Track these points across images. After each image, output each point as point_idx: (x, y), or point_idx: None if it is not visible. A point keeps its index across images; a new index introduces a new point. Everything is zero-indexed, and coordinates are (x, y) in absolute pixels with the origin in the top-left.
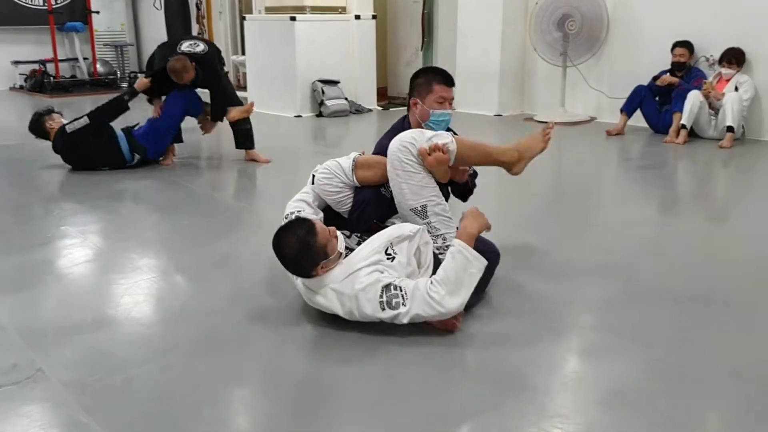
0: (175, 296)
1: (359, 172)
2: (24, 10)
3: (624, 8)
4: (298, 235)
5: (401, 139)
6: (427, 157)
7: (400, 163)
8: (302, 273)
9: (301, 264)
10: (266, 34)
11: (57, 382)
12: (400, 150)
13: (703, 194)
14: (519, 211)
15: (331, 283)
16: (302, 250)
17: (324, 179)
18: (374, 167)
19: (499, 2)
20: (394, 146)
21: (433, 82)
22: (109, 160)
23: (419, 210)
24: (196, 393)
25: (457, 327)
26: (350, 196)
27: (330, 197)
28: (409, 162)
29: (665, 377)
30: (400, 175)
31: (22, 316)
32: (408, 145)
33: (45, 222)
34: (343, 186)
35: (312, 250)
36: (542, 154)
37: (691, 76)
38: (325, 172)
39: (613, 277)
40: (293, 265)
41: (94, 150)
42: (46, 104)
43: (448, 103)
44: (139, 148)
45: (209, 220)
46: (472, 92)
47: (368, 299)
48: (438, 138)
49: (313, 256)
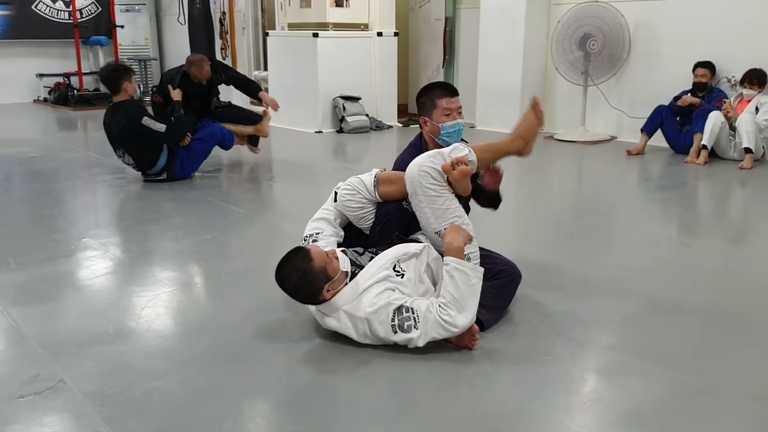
0: (196, 309)
1: (381, 188)
2: (50, 24)
3: (645, 28)
4: (294, 265)
5: (419, 164)
6: (452, 172)
7: (422, 188)
8: (310, 300)
9: (305, 292)
10: (289, 50)
11: (78, 393)
12: (420, 175)
13: (723, 215)
14: (539, 230)
15: (343, 306)
16: (302, 278)
17: (347, 195)
18: (396, 182)
19: (521, 21)
20: (413, 172)
21: (435, 96)
22: (140, 163)
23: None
24: (216, 406)
25: (475, 345)
26: (372, 212)
27: (352, 213)
28: (430, 186)
29: (684, 398)
30: (422, 201)
31: (44, 327)
32: (427, 169)
33: (68, 234)
34: (365, 202)
35: (311, 275)
36: (564, 174)
37: (713, 97)
38: (348, 188)
39: (632, 297)
40: (299, 295)
41: (138, 148)
42: (69, 117)
43: (456, 113)
44: (173, 170)
45: (230, 235)
46: (493, 110)
47: (380, 322)
48: (456, 151)
49: (314, 281)
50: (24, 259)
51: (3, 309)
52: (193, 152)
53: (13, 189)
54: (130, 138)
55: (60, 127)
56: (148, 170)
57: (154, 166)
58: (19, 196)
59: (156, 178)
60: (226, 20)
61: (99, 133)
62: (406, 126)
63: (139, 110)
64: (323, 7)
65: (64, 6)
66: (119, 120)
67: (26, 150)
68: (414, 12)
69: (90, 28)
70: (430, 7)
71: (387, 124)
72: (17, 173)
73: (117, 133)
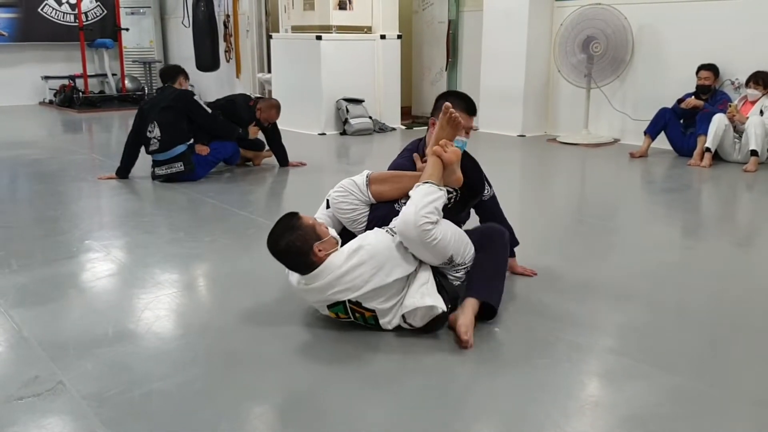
0: (196, 312)
1: (374, 187)
2: (55, 27)
3: (649, 30)
4: (283, 223)
5: (414, 223)
6: (444, 153)
7: (428, 245)
8: (302, 259)
9: (297, 248)
10: (292, 53)
11: (77, 395)
12: (421, 234)
13: (727, 218)
14: (541, 233)
15: (336, 269)
16: (292, 233)
17: (339, 197)
18: (388, 181)
19: (524, 23)
20: (411, 233)
21: (457, 109)
22: (164, 139)
23: (446, 262)
24: (214, 408)
25: (470, 343)
26: (365, 214)
27: (345, 215)
28: (430, 241)
29: (685, 403)
30: (420, 252)
31: (44, 328)
32: (423, 224)
33: (70, 236)
34: (358, 203)
35: (301, 229)
36: (566, 177)
37: (716, 99)
38: (340, 190)
39: (634, 300)
40: (291, 254)
41: (173, 123)
42: (74, 119)
43: (466, 132)
44: (191, 163)
45: (232, 237)
46: (496, 112)
47: (374, 233)
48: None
49: (304, 235)
50: (26, 260)
51: (4, 311)
52: (205, 161)
53: (18, 191)
54: (175, 109)
55: (65, 129)
56: (166, 150)
57: (171, 149)
58: (23, 198)
59: (168, 170)
60: (230, 23)
61: (104, 135)
62: (409, 128)
63: (192, 93)
64: (327, 10)
65: (69, 9)
66: (171, 93)
67: (31, 152)
68: (417, 15)
69: (95, 30)
70: (433, 9)
71: (390, 127)
72: (22, 175)
73: (163, 104)
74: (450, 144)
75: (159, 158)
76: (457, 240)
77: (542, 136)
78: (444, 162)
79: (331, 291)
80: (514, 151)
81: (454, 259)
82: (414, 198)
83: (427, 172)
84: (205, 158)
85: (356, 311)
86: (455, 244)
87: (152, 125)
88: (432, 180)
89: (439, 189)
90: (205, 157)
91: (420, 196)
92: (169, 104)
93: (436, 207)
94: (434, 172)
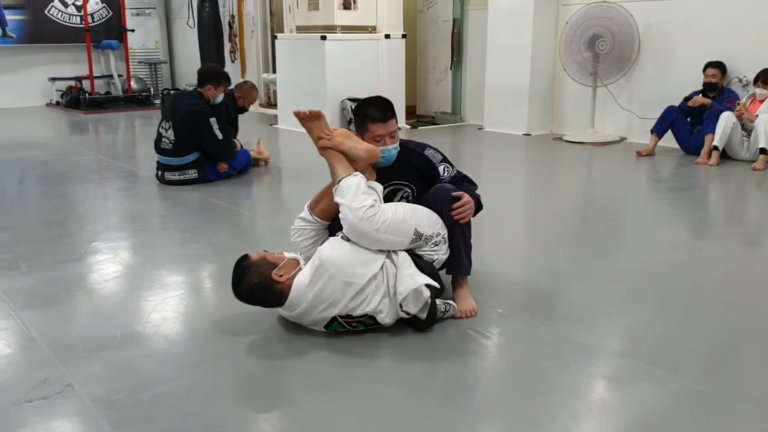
0: (203, 313)
1: (316, 211)
2: (62, 28)
3: (655, 28)
4: (236, 270)
5: (356, 218)
6: (327, 141)
7: (374, 232)
8: (269, 292)
9: (257, 287)
10: (297, 53)
11: (85, 398)
12: (368, 223)
13: (735, 217)
14: (547, 233)
15: (307, 289)
16: (245, 275)
17: (298, 239)
18: (323, 197)
19: (529, 22)
20: (360, 228)
21: (368, 120)
22: (177, 144)
23: (415, 238)
24: (221, 411)
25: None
26: (326, 239)
27: (311, 251)
28: (381, 225)
29: (693, 405)
30: (384, 237)
31: (53, 330)
32: (363, 213)
33: (78, 238)
34: (314, 233)
35: (252, 267)
36: (572, 176)
37: (724, 97)
38: (294, 232)
39: (641, 301)
40: (256, 295)
41: (186, 134)
42: (80, 120)
43: (388, 138)
44: (205, 170)
45: (239, 239)
46: (501, 111)
47: (329, 245)
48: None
49: (257, 271)
50: (34, 262)
51: (13, 313)
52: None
53: (25, 192)
54: (188, 121)
55: (72, 131)
56: (179, 156)
57: (185, 156)
58: (30, 200)
59: (181, 177)
60: (235, 23)
61: (110, 137)
62: (414, 128)
63: (212, 111)
64: (331, 10)
65: (75, 11)
66: (194, 103)
67: (38, 153)
68: (422, 14)
69: (101, 32)
70: (438, 8)
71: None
72: (29, 177)
73: (180, 109)
74: (330, 130)
75: (171, 162)
76: (414, 211)
77: (548, 134)
78: (336, 147)
79: (316, 311)
80: (520, 150)
81: (422, 232)
82: (339, 201)
83: (334, 173)
84: (216, 169)
85: (351, 323)
86: (413, 216)
87: (167, 124)
88: (342, 175)
89: (353, 176)
90: (217, 170)
91: (342, 195)
92: (189, 112)
93: (364, 191)
94: (338, 166)
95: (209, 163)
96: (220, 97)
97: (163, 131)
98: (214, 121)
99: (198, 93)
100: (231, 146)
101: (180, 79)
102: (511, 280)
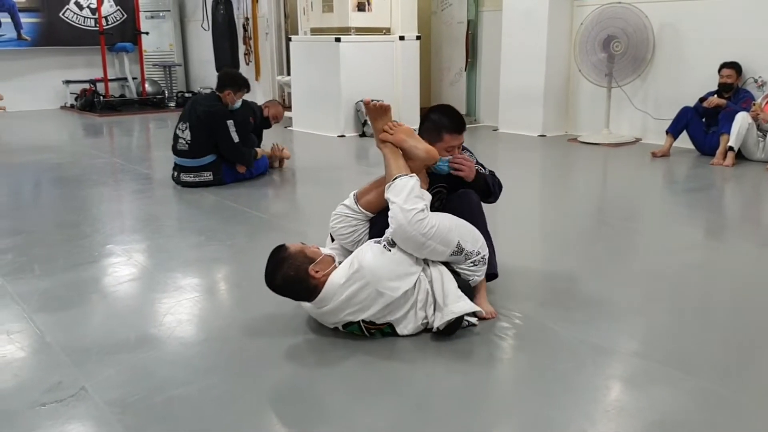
0: (217, 316)
1: (362, 201)
2: (76, 31)
3: (670, 29)
4: (273, 259)
5: (406, 220)
6: (390, 135)
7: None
8: (304, 286)
9: (293, 279)
10: (311, 55)
11: (99, 401)
12: (417, 226)
13: (751, 218)
14: (562, 235)
15: (340, 290)
16: (284, 265)
17: (337, 225)
18: (372, 189)
19: (544, 23)
20: (408, 231)
21: (444, 130)
22: (193, 146)
23: (456, 251)
24: (235, 414)
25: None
26: (366, 233)
27: (348, 239)
28: (428, 230)
29: (711, 408)
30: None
31: (67, 333)
32: (413, 216)
33: (92, 240)
34: (356, 223)
35: (290, 259)
36: (588, 177)
37: (739, 98)
38: (335, 217)
39: (658, 302)
40: (290, 287)
41: (202, 136)
42: (95, 123)
43: (457, 149)
44: (220, 173)
45: (253, 241)
46: (516, 113)
47: (371, 251)
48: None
49: (295, 263)
50: (48, 265)
51: (27, 316)
52: (237, 173)
53: (40, 196)
54: (205, 122)
55: (86, 134)
56: (195, 158)
57: (202, 158)
58: (45, 203)
59: (196, 179)
60: (249, 26)
61: (125, 139)
62: None
63: (230, 114)
64: (345, 12)
65: (90, 13)
66: (212, 105)
67: (53, 156)
68: (436, 15)
69: (115, 35)
70: (452, 10)
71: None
72: (44, 179)
73: (199, 111)
74: (393, 125)
75: (187, 164)
76: (459, 225)
77: (563, 135)
78: (397, 143)
79: (343, 314)
80: (535, 151)
81: (463, 246)
82: (391, 199)
83: (389, 168)
84: (234, 170)
85: (371, 329)
86: (458, 229)
87: (184, 125)
88: (399, 173)
89: (409, 177)
90: (235, 173)
91: (395, 194)
92: (207, 114)
93: (417, 195)
94: (395, 163)
95: (225, 166)
96: (238, 102)
97: (180, 132)
98: (231, 124)
99: (216, 96)
100: (250, 153)
101: (194, 82)
102: (526, 281)
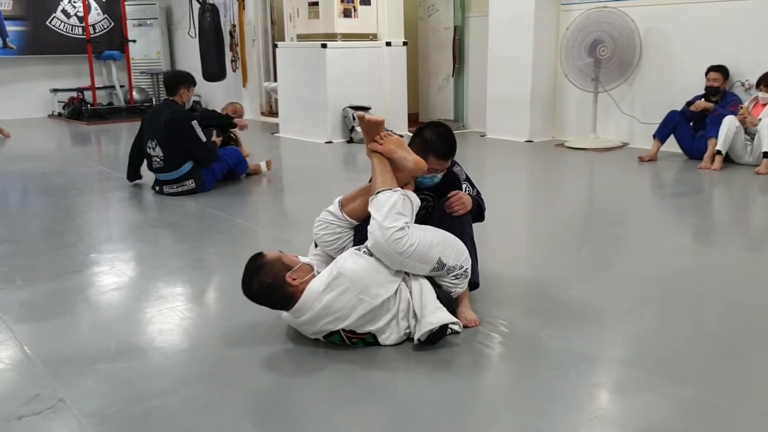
0: (198, 326)
1: (347, 208)
2: (63, 39)
3: (656, 33)
4: (250, 267)
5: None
6: (380, 146)
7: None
8: (280, 294)
9: (269, 287)
10: (298, 61)
11: (78, 413)
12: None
13: (739, 222)
14: (549, 240)
15: (318, 297)
16: (259, 274)
17: (321, 231)
18: (357, 197)
19: (530, 28)
20: (384, 248)
21: (430, 152)
22: (168, 159)
23: (437, 267)
24: (216, 425)
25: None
26: (350, 240)
27: (331, 246)
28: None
29: (697, 416)
30: (414, 261)
31: (47, 344)
32: (391, 235)
33: (76, 250)
34: (340, 230)
35: (267, 266)
36: (575, 182)
37: (727, 101)
38: (319, 223)
39: (644, 309)
40: (267, 294)
41: (173, 145)
42: (82, 131)
43: (439, 171)
44: (200, 179)
45: (237, 249)
46: (503, 118)
47: (351, 258)
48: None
49: (272, 271)
50: (31, 275)
51: (7, 327)
52: (213, 169)
53: (25, 205)
54: (171, 131)
55: (73, 142)
56: (172, 170)
57: (179, 168)
58: (30, 212)
59: (180, 189)
60: (236, 32)
61: (112, 147)
62: None
63: (190, 114)
64: (332, 18)
65: (77, 22)
66: (169, 113)
67: (39, 165)
68: (423, 21)
69: (103, 43)
70: (439, 16)
71: (397, 134)
72: (30, 189)
73: (161, 123)
74: (384, 134)
75: (167, 178)
76: (442, 240)
77: (550, 141)
78: (386, 153)
79: (321, 323)
80: (522, 156)
81: (444, 262)
82: (373, 213)
83: (376, 180)
84: (211, 170)
85: (352, 338)
86: (440, 245)
87: (153, 142)
88: (384, 186)
89: (393, 192)
90: (211, 169)
91: (376, 209)
92: (170, 121)
93: (399, 211)
94: (382, 175)
95: (204, 171)
96: (191, 100)
97: (151, 151)
98: (196, 124)
99: (172, 102)
100: (215, 146)
101: None
102: (512, 287)
